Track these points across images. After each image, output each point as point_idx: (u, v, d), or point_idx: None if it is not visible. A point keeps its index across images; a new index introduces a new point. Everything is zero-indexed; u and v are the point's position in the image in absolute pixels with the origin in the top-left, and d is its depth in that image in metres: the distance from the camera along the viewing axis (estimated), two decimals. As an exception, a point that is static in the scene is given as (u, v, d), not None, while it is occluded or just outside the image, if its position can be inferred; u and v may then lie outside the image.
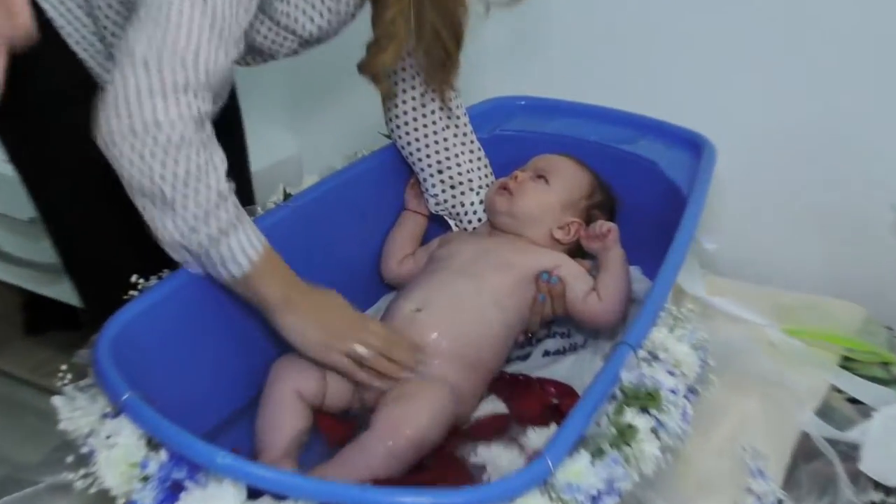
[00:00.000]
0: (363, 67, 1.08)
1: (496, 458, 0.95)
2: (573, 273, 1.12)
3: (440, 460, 0.95)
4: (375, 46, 1.05)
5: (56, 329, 1.93)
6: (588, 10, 1.44)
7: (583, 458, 0.75)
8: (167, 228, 0.89)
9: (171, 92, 0.84)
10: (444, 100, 1.18)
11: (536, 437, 0.95)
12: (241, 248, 0.91)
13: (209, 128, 0.89)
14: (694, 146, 1.23)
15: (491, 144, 1.28)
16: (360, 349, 0.96)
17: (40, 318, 1.96)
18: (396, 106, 1.20)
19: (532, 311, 1.11)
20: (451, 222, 1.25)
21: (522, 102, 1.40)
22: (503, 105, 1.39)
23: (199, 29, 0.85)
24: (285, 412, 0.96)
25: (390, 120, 1.22)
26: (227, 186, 0.89)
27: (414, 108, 1.19)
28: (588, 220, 1.18)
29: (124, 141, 0.84)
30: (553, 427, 0.94)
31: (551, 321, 1.18)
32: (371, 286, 1.25)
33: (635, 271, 1.21)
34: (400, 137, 1.22)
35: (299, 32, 1.03)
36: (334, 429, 1.00)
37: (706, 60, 1.36)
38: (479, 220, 1.23)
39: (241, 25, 0.90)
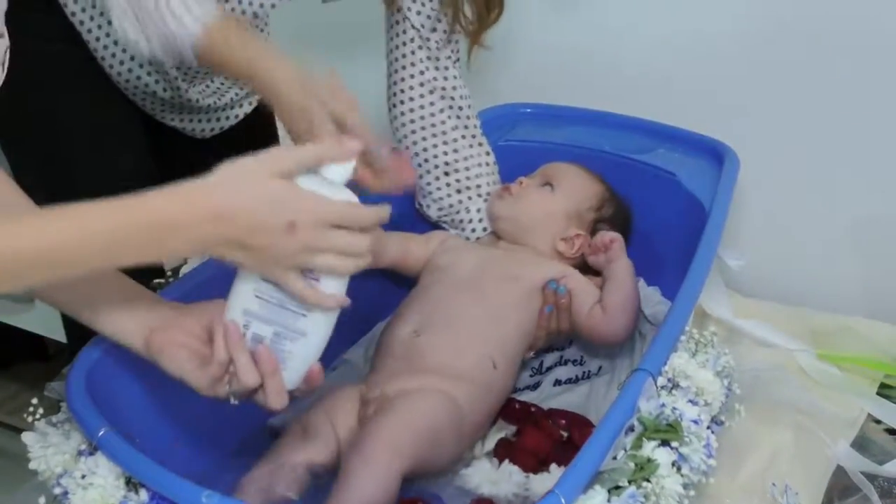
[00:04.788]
0: None
1: (481, 482, 0.97)
2: (580, 285, 1.13)
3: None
4: None
5: (22, 361, 1.94)
6: (599, 9, 1.45)
7: (598, 495, 0.76)
8: None
9: None
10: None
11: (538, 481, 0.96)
12: None
13: None
14: (716, 155, 1.24)
15: (494, 156, 1.29)
16: None
17: (4, 350, 1.97)
18: (402, 102, 1.22)
19: (538, 324, 1.12)
20: (454, 232, 1.26)
21: (528, 110, 1.42)
22: (507, 113, 1.40)
23: None
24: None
25: (394, 118, 1.24)
26: None
27: (422, 107, 1.21)
28: (594, 235, 1.19)
29: None
30: (559, 471, 0.95)
31: (562, 346, 1.19)
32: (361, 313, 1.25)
33: (654, 292, 1.22)
34: (405, 137, 1.23)
35: None
36: None
37: (727, 61, 1.37)
38: (484, 229, 1.25)
39: None
